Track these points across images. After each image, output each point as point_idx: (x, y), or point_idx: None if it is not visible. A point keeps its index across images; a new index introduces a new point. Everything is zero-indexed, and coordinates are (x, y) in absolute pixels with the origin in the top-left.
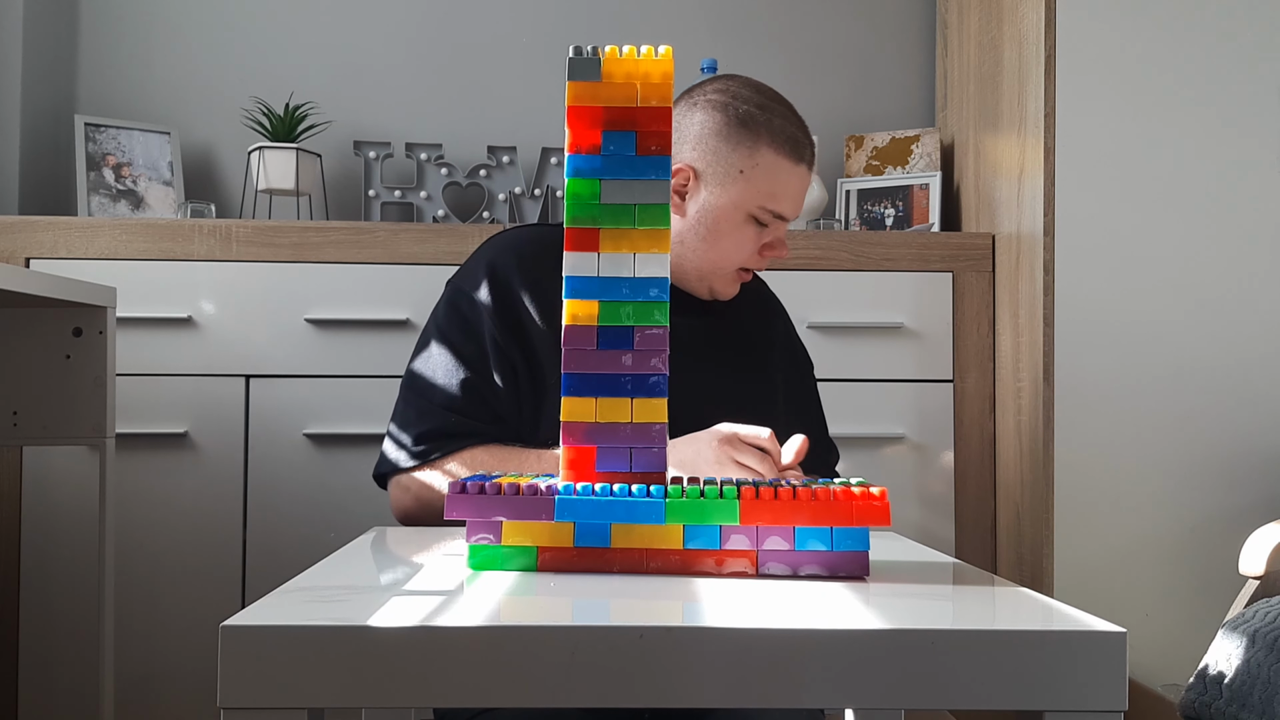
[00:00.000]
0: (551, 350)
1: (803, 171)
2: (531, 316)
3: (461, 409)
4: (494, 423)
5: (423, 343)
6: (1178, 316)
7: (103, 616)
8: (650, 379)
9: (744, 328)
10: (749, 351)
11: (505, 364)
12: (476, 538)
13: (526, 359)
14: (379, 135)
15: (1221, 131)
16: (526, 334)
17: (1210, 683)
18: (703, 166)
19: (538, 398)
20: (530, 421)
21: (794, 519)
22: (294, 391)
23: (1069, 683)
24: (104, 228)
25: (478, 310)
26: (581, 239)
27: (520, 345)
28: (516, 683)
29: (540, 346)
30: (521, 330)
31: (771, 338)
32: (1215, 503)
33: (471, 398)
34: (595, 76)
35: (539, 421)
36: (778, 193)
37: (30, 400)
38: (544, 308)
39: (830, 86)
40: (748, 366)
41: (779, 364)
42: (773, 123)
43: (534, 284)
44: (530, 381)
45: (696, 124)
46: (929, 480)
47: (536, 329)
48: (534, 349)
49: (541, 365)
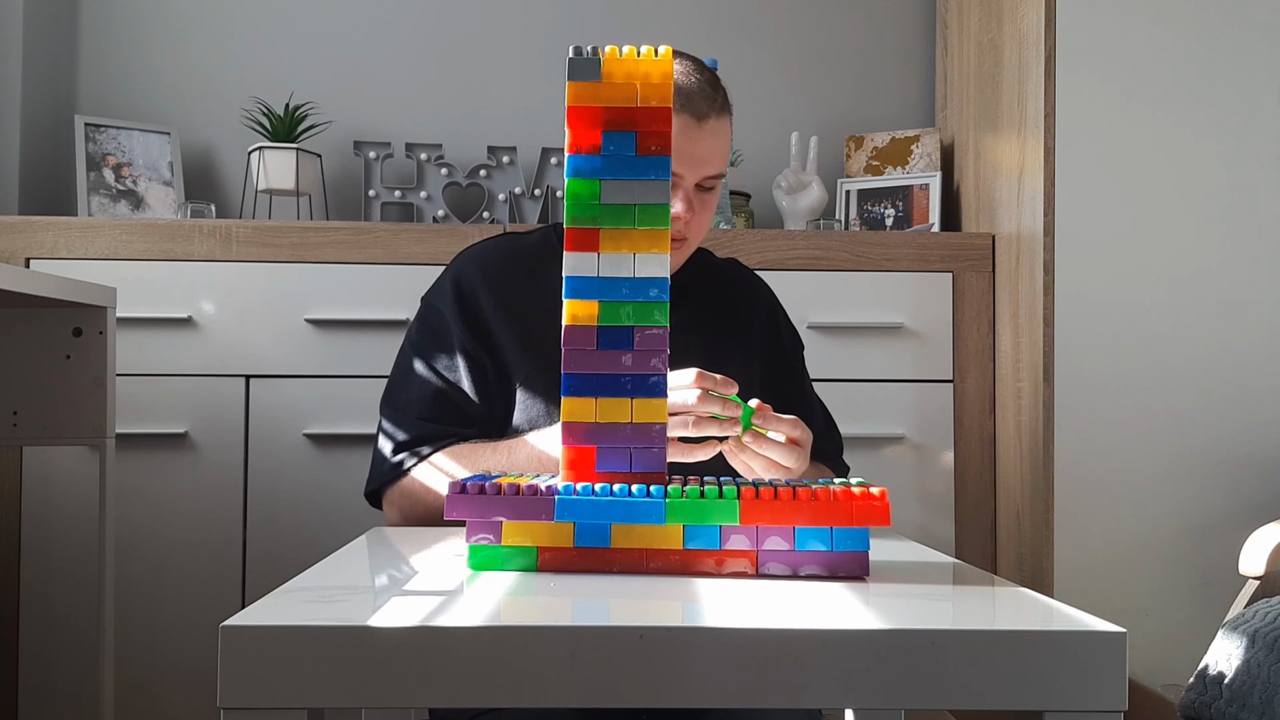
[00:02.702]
0: (517, 353)
1: (686, 121)
2: (498, 322)
3: (435, 417)
4: (467, 426)
5: (398, 361)
6: (1178, 316)
7: (103, 616)
8: (650, 379)
9: (715, 315)
10: (721, 338)
11: (476, 369)
12: (476, 538)
13: (495, 363)
14: (379, 135)
15: (1221, 131)
16: (493, 339)
17: (1210, 683)
18: None
19: (508, 399)
20: (501, 421)
21: (794, 519)
22: (294, 391)
23: (1069, 683)
24: (104, 228)
25: (445, 322)
26: (581, 239)
27: (488, 350)
28: (516, 683)
29: (508, 350)
30: (489, 337)
31: (749, 323)
32: (1215, 503)
33: (444, 405)
34: (595, 76)
35: (507, 422)
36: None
37: (30, 400)
38: (509, 314)
39: (830, 86)
40: (718, 352)
41: (757, 347)
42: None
43: (499, 293)
44: (500, 384)
45: None
46: (929, 480)
47: (503, 334)
48: (501, 353)
49: (509, 368)
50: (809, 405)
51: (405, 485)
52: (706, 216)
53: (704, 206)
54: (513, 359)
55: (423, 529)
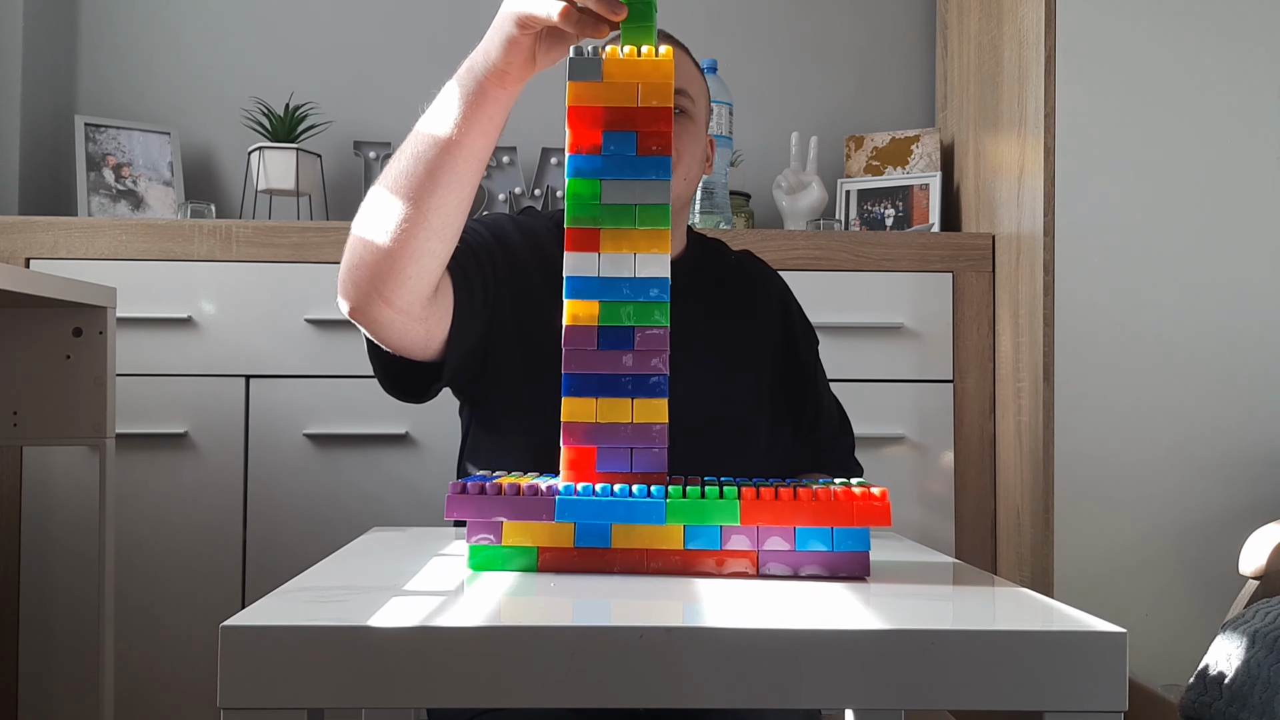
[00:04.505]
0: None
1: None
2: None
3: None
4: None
5: None
6: (1178, 316)
7: (103, 616)
8: (651, 379)
9: (725, 297)
10: (729, 319)
11: (488, 269)
12: (477, 538)
13: (500, 299)
14: (379, 135)
15: (1221, 131)
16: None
17: (1210, 683)
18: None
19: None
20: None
21: (795, 519)
22: (294, 391)
23: (1069, 683)
24: (104, 228)
25: (500, 223)
26: (582, 239)
27: (507, 289)
28: (516, 683)
29: (517, 307)
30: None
31: (760, 308)
32: (1215, 503)
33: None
34: (596, 77)
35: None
36: None
37: (30, 400)
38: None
39: (830, 86)
40: (727, 331)
41: (768, 332)
42: None
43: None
44: (484, 314)
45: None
46: (929, 480)
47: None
48: (511, 302)
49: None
50: (822, 401)
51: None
52: (687, 146)
53: (682, 132)
54: (513, 315)
55: (423, 529)
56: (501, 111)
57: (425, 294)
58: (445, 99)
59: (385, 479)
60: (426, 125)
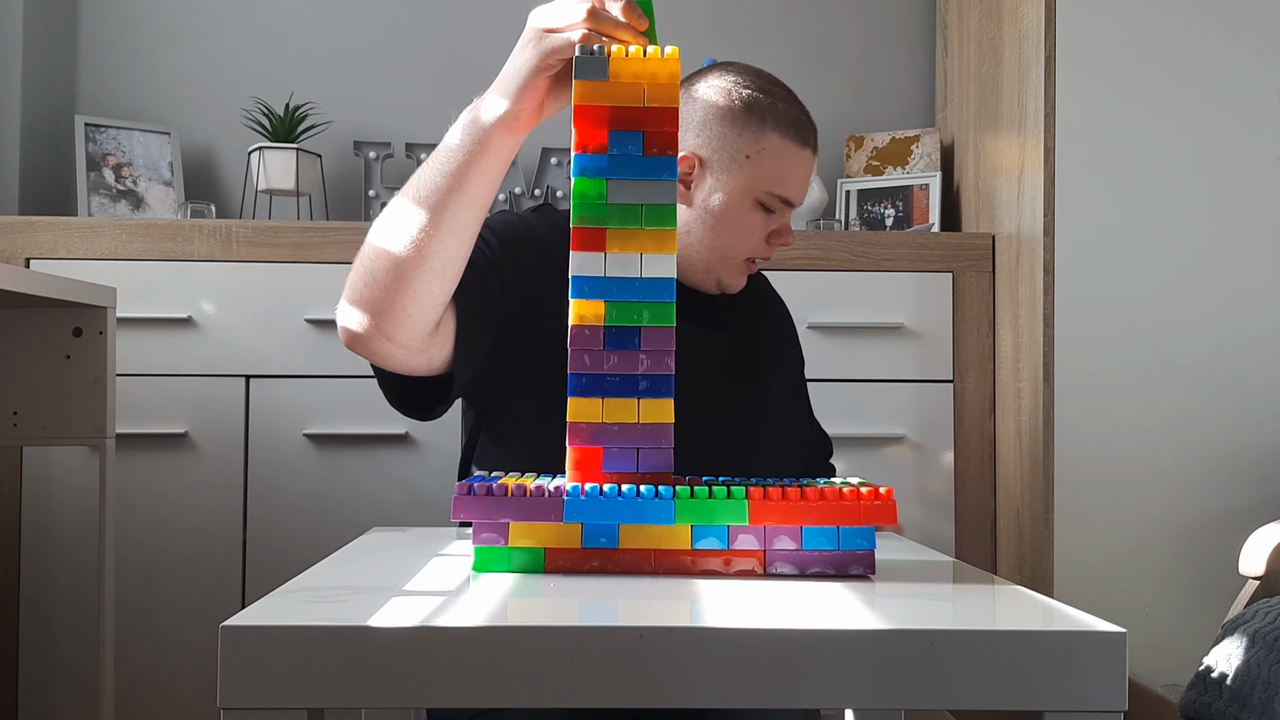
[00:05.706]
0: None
1: (808, 155)
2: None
3: None
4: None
5: None
6: (1178, 316)
7: (103, 616)
8: (658, 379)
9: (747, 333)
10: (749, 362)
11: (491, 282)
12: (483, 539)
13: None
14: (379, 135)
15: (1221, 131)
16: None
17: (1210, 683)
18: (708, 154)
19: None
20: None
21: (802, 519)
22: (294, 391)
23: (1069, 683)
24: (104, 228)
25: (485, 239)
26: (588, 239)
27: (516, 295)
28: (516, 683)
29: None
30: (521, 286)
31: (781, 334)
32: (1215, 503)
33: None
34: (602, 76)
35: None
36: (785, 177)
37: (30, 400)
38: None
39: (830, 86)
40: (744, 378)
41: (779, 365)
42: (776, 106)
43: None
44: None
45: (699, 111)
46: (929, 480)
47: (530, 296)
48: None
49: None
50: (812, 417)
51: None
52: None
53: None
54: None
55: (423, 530)
56: (505, 159)
57: (426, 330)
58: (449, 145)
59: (385, 479)
60: (430, 170)
